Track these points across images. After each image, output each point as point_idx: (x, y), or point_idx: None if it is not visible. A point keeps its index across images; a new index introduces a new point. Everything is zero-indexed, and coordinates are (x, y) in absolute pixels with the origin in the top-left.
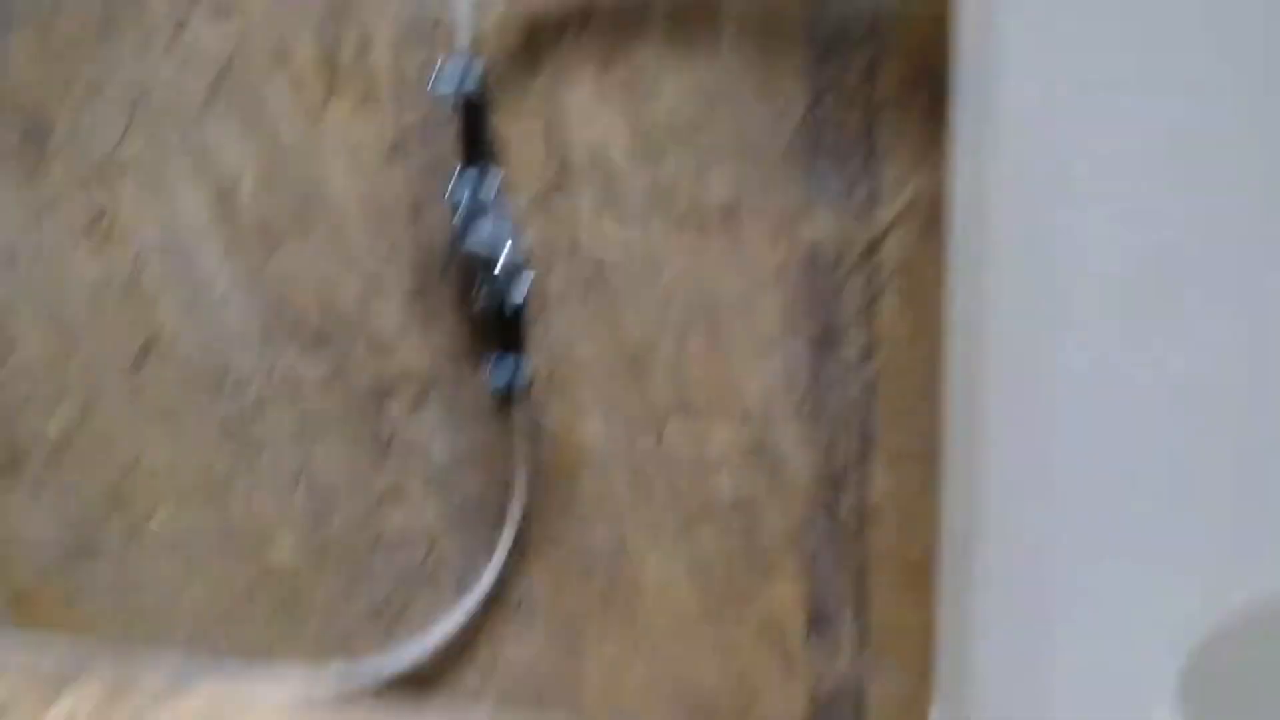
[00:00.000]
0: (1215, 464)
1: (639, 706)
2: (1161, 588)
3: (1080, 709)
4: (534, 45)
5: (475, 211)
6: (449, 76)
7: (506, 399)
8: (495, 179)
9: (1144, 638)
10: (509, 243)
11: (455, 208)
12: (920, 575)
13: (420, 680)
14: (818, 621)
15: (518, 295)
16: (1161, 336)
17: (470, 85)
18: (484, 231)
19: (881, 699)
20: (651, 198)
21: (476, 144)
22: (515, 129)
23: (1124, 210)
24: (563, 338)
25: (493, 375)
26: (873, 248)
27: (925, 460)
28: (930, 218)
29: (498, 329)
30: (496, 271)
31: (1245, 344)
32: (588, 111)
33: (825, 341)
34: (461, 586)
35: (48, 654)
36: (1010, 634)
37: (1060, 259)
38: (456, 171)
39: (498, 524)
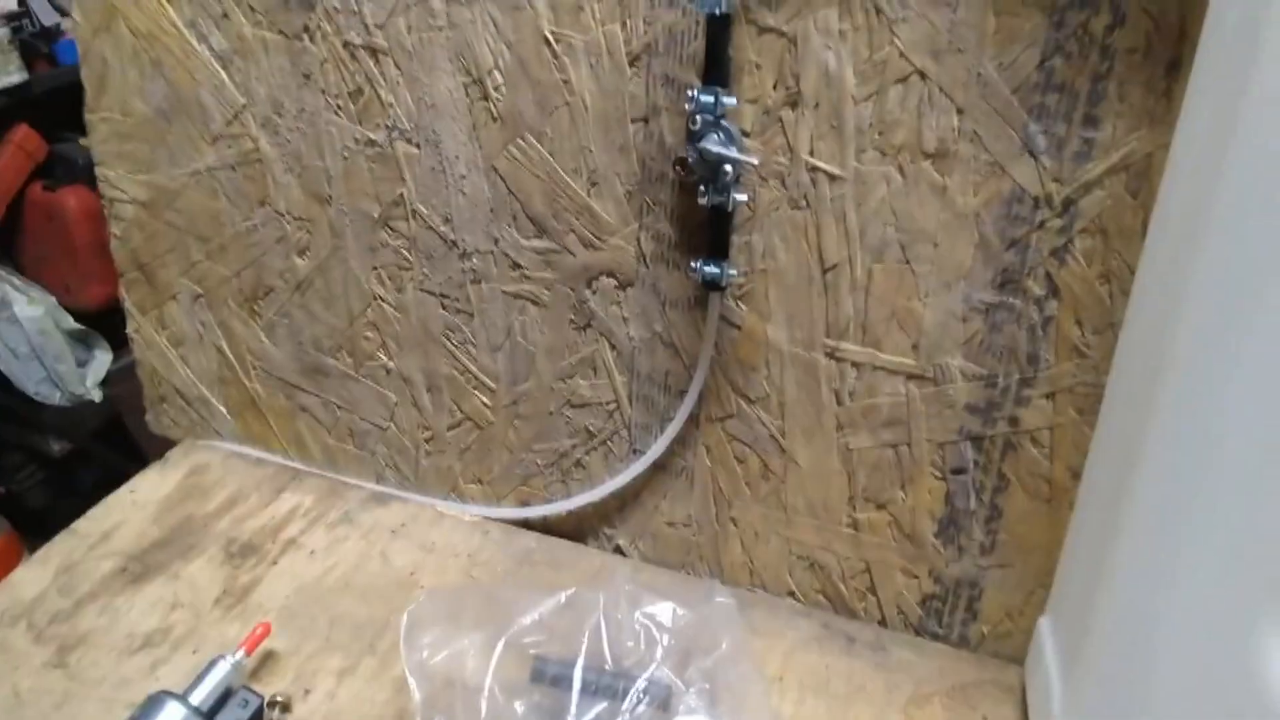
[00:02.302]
0: None
1: (771, 575)
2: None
3: (1192, 637)
4: None
5: (710, 121)
6: None
7: (704, 295)
8: (731, 92)
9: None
10: (736, 152)
11: (692, 116)
12: (1057, 499)
13: (582, 525)
14: (948, 525)
15: (736, 200)
16: None
17: (722, 4)
18: (715, 140)
19: (993, 601)
20: (870, 130)
21: (718, 60)
22: (755, 48)
23: None
24: (766, 247)
25: (698, 271)
26: (1072, 201)
27: (1083, 398)
28: (1137, 181)
29: (710, 231)
30: (721, 178)
31: None
32: (826, 41)
33: (1006, 284)
34: (634, 451)
35: (271, 459)
36: (1142, 564)
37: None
38: (699, 83)
39: (675, 401)
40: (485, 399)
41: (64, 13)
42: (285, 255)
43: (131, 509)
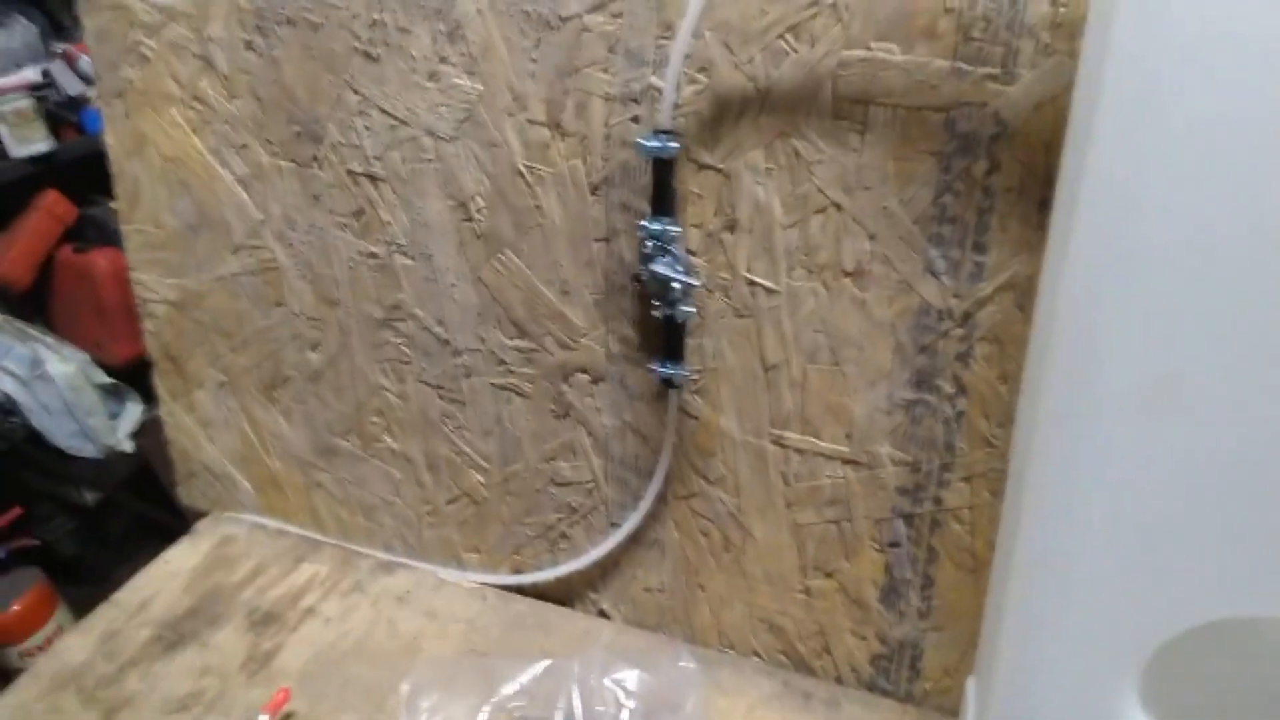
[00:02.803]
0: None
1: (738, 637)
2: (1136, 604)
3: (1063, 697)
4: (719, 120)
5: (659, 246)
6: (649, 139)
7: (664, 390)
8: (676, 223)
9: (1118, 643)
10: (681, 273)
11: (643, 241)
12: (979, 570)
13: (570, 592)
14: (889, 592)
15: (684, 313)
16: (1172, 431)
17: (665, 149)
18: (663, 262)
19: (933, 660)
20: (797, 251)
21: (664, 193)
22: (696, 182)
23: (1144, 314)
24: (714, 350)
25: (657, 370)
26: (970, 314)
27: (994, 481)
28: (1022, 296)
29: (665, 337)
30: (670, 294)
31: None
32: (755, 177)
33: (922, 382)
34: (612, 524)
35: (290, 531)
36: (1024, 628)
37: (1102, 352)
38: (649, 212)
39: (645, 481)
40: (480, 477)
41: (88, 81)
42: (299, 350)
43: (165, 579)
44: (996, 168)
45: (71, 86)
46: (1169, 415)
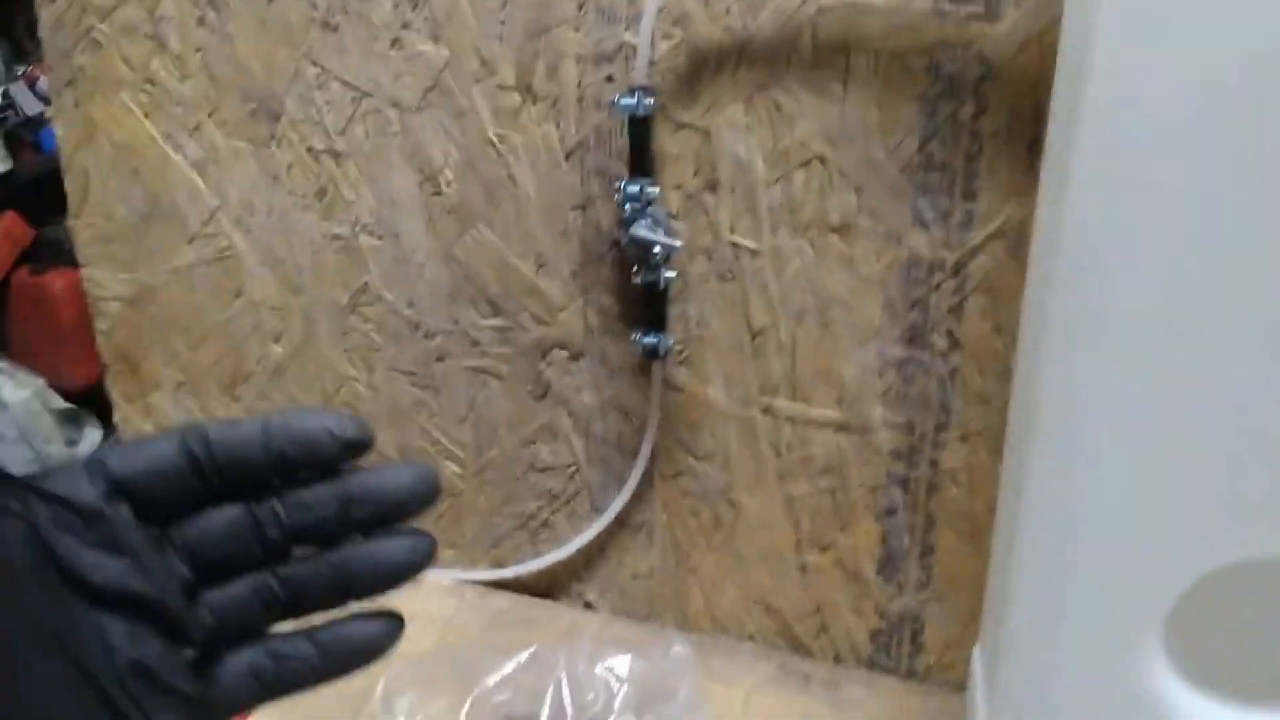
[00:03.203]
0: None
1: (732, 620)
2: (1151, 553)
3: (1082, 658)
4: (696, 76)
5: (637, 209)
6: (625, 97)
7: (647, 362)
8: (655, 183)
9: (1139, 595)
10: (663, 235)
11: (622, 204)
12: (979, 534)
13: (553, 583)
14: (887, 563)
15: (666, 278)
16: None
17: (641, 105)
18: (643, 225)
19: (935, 634)
20: (781, 209)
21: (642, 154)
22: (674, 142)
23: (1148, 251)
24: (698, 316)
25: (639, 342)
26: (961, 264)
27: (992, 438)
28: (1015, 243)
29: (646, 305)
30: (650, 259)
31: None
32: (735, 134)
33: (914, 339)
34: (595, 510)
35: None
36: (1035, 590)
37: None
38: (625, 176)
39: (629, 461)
40: (456, 468)
41: (47, 102)
42: (261, 343)
43: None
44: (984, 110)
45: (30, 107)
46: (1178, 347)
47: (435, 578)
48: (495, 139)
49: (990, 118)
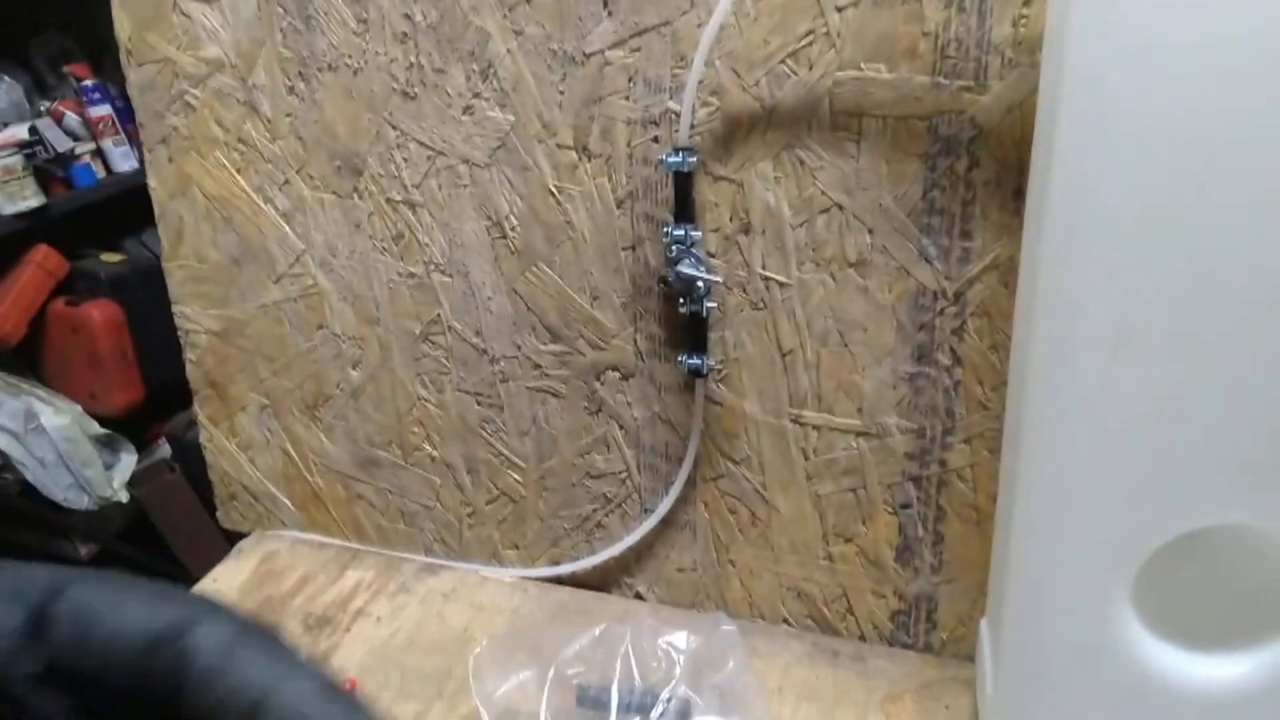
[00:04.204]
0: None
1: (768, 605)
2: (1124, 521)
3: (1067, 620)
4: (731, 137)
5: (682, 250)
6: (670, 156)
7: (691, 380)
8: (697, 228)
9: (1113, 557)
10: (704, 272)
11: (669, 246)
12: (984, 523)
13: (606, 577)
14: (904, 551)
15: (707, 308)
16: (1139, 371)
17: (685, 163)
18: (687, 263)
19: (948, 611)
20: (806, 247)
21: (685, 202)
22: (713, 192)
23: (1105, 279)
24: (735, 340)
25: (684, 363)
26: (961, 293)
27: (991, 440)
28: (1005, 274)
29: (690, 331)
30: (694, 292)
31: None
32: (765, 185)
33: (922, 356)
34: (644, 511)
35: (332, 543)
36: (1029, 561)
37: (1075, 310)
38: (671, 221)
39: (675, 467)
40: (517, 476)
41: (75, 138)
42: (341, 369)
43: (217, 596)
44: (976, 164)
45: (60, 143)
46: (1131, 358)
47: (500, 575)
48: (555, 189)
49: (982, 170)
